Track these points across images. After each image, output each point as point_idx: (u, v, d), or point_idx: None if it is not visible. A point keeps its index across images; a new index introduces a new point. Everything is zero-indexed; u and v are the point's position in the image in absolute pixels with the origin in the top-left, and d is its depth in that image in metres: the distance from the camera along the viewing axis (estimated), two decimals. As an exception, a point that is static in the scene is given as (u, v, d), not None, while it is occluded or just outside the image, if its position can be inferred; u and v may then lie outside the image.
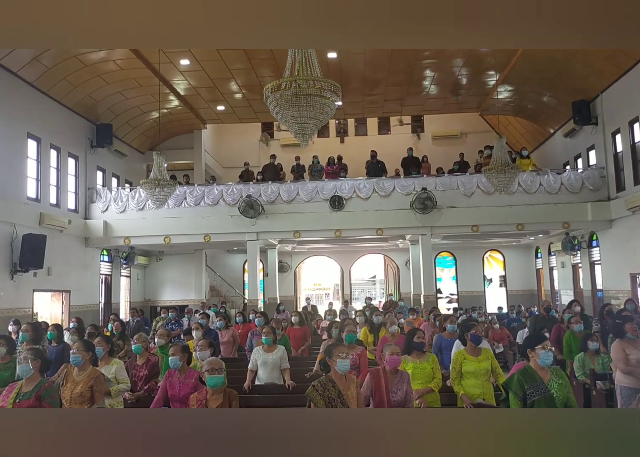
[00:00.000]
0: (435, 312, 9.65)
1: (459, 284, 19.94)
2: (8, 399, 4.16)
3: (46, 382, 4.29)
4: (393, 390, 4.53)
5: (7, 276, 11.75)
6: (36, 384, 4.21)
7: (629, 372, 5.45)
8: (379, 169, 15.99)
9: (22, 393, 4.17)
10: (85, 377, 4.71)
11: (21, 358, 4.32)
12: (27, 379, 4.24)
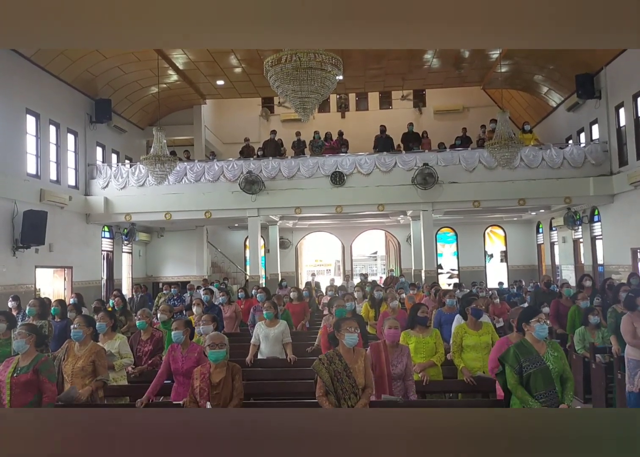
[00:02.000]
0: (436, 288, 9.70)
1: (460, 259, 20.00)
2: (5, 373, 4.23)
3: (43, 357, 4.36)
4: (393, 363, 4.57)
5: (9, 252, 11.79)
6: (33, 358, 4.28)
7: (635, 345, 5.50)
8: (388, 144, 15.83)
9: (19, 368, 4.24)
10: (86, 352, 4.78)
11: (16, 334, 4.37)
12: (23, 354, 4.31)
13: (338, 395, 3.96)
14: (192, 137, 18.91)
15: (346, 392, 3.96)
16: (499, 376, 4.14)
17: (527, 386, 3.90)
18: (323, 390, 3.99)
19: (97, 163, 15.77)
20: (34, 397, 4.18)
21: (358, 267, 24.80)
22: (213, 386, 4.06)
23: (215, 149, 19.80)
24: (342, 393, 3.96)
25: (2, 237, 11.65)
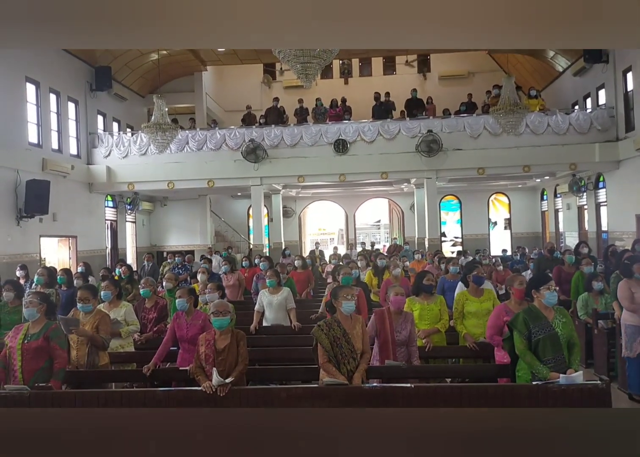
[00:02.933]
0: (439, 255, 9.72)
1: (464, 227, 19.98)
2: (16, 340, 4.29)
3: (53, 324, 4.41)
4: (397, 330, 4.63)
5: (13, 221, 11.83)
6: (43, 326, 4.34)
7: (633, 310, 5.55)
8: (383, 112, 15.64)
9: (29, 334, 4.29)
10: (91, 319, 4.90)
11: (27, 302, 4.42)
12: (33, 322, 4.37)
13: (338, 360, 4.05)
14: (194, 105, 18.70)
15: (345, 357, 4.04)
16: (506, 342, 4.19)
17: (536, 351, 3.95)
18: (326, 356, 4.05)
19: (98, 132, 15.66)
20: (45, 363, 4.24)
21: (361, 235, 24.85)
22: (218, 352, 4.12)
23: (217, 117, 19.60)
24: (341, 358, 4.04)
25: (6, 207, 11.67)
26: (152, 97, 12.69)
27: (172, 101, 16.63)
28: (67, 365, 4.46)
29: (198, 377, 4.06)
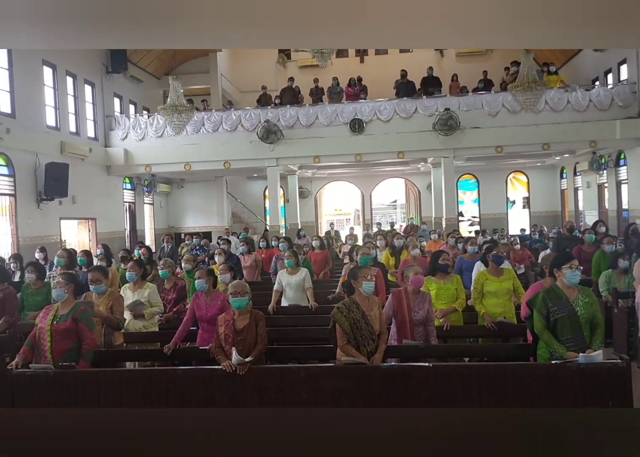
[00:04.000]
0: (453, 235, 9.64)
1: (481, 206, 19.81)
2: (45, 320, 4.34)
3: (81, 306, 4.45)
4: (415, 309, 4.63)
5: (33, 204, 12.01)
6: (72, 307, 4.38)
7: None
8: (409, 90, 15.40)
9: (58, 316, 4.34)
10: (104, 300, 4.98)
11: (55, 283, 4.47)
12: (62, 303, 4.41)
13: (357, 342, 4.04)
14: (209, 86, 18.65)
15: (365, 338, 4.04)
16: (528, 320, 4.18)
17: (554, 330, 3.93)
18: (345, 338, 4.06)
19: (115, 114, 15.74)
20: (74, 344, 4.30)
21: (377, 216, 24.78)
22: (237, 332, 4.17)
23: (232, 97, 19.54)
24: (361, 340, 4.04)
25: (26, 189, 11.84)
26: (168, 78, 12.69)
27: (187, 82, 16.61)
28: (96, 346, 4.53)
29: (218, 357, 4.12)
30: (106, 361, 4.73)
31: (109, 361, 4.77)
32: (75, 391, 4.03)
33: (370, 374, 3.88)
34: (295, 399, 3.88)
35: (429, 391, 3.79)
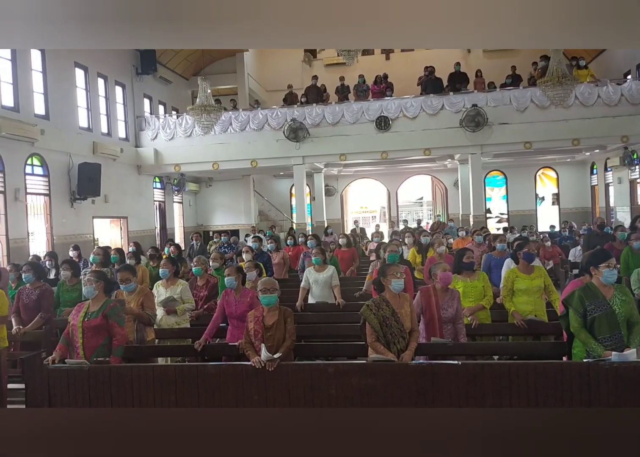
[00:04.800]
0: (478, 232, 9.54)
1: (510, 203, 19.56)
2: (77, 317, 4.45)
3: (112, 302, 4.55)
4: (444, 307, 4.62)
5: (67, 204, 12.32)
6: (102, 304, 4.47)
7: None
8: (437, 86, 15.29)
9: (89, 312, 4.44)
10: (135, 297, 5.10)
11: (86, 280, 4.58)
12: (93, 299, 4.51)
13: (387, 339, 4.05)
14: (236, 86, 18.83)
15: (395, 336, 4.04)
16: (562, 319, 4.13)
17: (592, 329, 3.88)
18: (374, 335, 4.08)
19: (145, 115, 16.01)
20: (105, 340, 4.40)
21: (403, 213, 24.65)
22: (266, 328, 4.23)
23: (259, 97, 19.68)
24: (391, 337, 4.04)
25: (60, 189, 12.16)
26: (196, 79, 12.89)
27: (214, 83, 16.79)
28: (126, 342, 4.64)
29: (247, 352, 4.17)
30: (139, 357, 4.85)
31: (141, 357, 4.88)
32: (110, 385, 4.13)
33: (399, 372, 3.89)
34: (323, 395, 3.92)
35: (458, 389, 3.78)
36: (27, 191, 11.27)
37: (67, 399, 4.14)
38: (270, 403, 3.96)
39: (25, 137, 10.98)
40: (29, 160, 11.45)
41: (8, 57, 10.95)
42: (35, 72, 11.75)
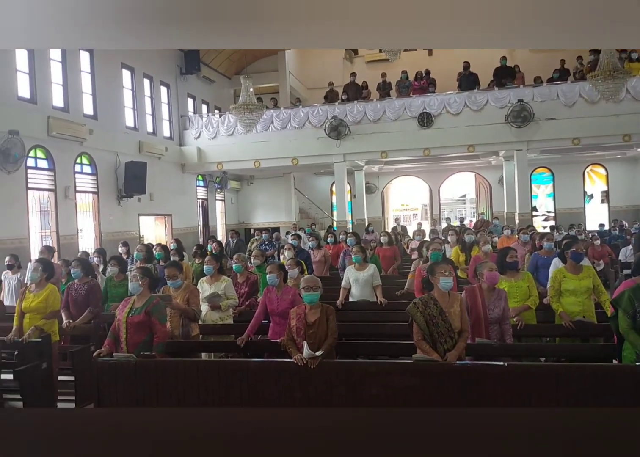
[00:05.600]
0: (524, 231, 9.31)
1: (557, 201, 19.03)
2: (123, 313, 4.55)
3: (155, 299, 4.62)
4: (490, 307, 4.51)
5: (114, 201, 12.67)
6: (146, 301, 4.55)
7: None
8: (472, 82, 15.05)
9: (134, 308, 4.53)
10: (181, 292, 5.18)
11: (131, 276, 4.69)
12: (138, 295, 4.61)
13: (434, 338, 3.97)
14: (277, 84, 18.93)
15: (442, 335, 3.96)
16: (612, 320, 4.01)
17: None
18: (421, 334, 4.01)
19: (189, 114, 16.30)
20: (147, 337, 4.48)
21: (446, 211, 24.32)
22: (309, 325, 4.23)
23: (300, 95, 19.75)
24: (437, 337, 3.96)
25: (108, 187, 12.52)
26: (238, 78, 13.05)
27: (256, 81, 16.91)
28: (167, 338, 4.71)
29: (289, 349, 4.19)
30: (184, 351, 4.93)
31: (186, 351, 4.96)
32: (155, 379, 4.22)
33: (442, 372, 3.82)
34: (365, 394, 3.89)
35: (504, 391, 3.69)
36: (76, 189, 11.64)
37: (115, 391, 4.25)
38: (312, 400, 3.96)
39: (75, 137, 11.33)
40: (78, 159, 11.82)
41: (58, 59, 11.32)
42: (84, 73, 12.10)
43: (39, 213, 10.82)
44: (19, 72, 10.25)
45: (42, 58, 10.74)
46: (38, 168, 10.74)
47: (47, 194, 10.99)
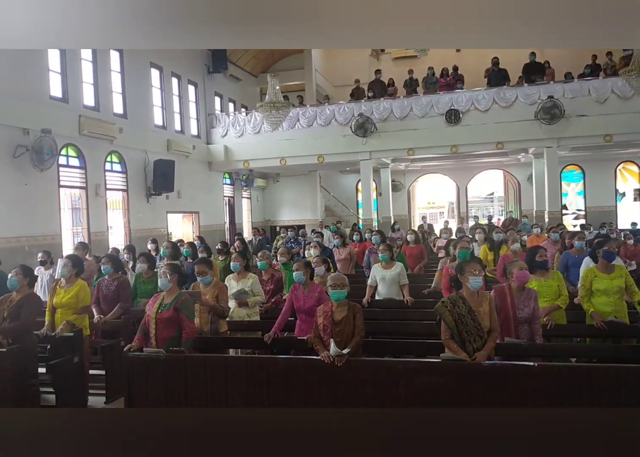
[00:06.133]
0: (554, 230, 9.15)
1: (587, 199, 18.65)
2: (152, 308, 4.60)
3: (183, 296, 4.66)
4: (519, 307, 4.45)
5: (143, 199, 12.87)
6: (175, 297, 4.59)
7: None
8: (501, 78, 14.82)
9: (163, 304, 4.58)
10: (210, 289, 5.22)
11: (161, 273, 4.74)
12: (167, 292, 4.65)
13: (462, 338, 3.93)
14: (303, 82, 18.95)
15: (471, 335, 3.91)
16: None
17: None
18: (449, 333, 3.98)
19: (216, 112, 16.44)
20: (176, 333, 4.51)
21: (473, 209, 24.06)
22: (335, 323, 4.23)
23: (326, 92, 19.72)
24: (466, 336, 3.92)
25: (137, 185, 12.72)
26: (265, 76, 13.10)
27: (283, 79, 16.93)
28: (195, 334, 4.76)
29: (316, 347, 4.19)
30: (212, 347, 4.98)
31: (214, 347, 5.01)
32: (184, 373, 4.27)
33: (470, 372, 3.78)
34: (392, 393, 3.87)
35: (534, 392, 3.64)
36: (106, 187, 11.85)
37: (145, 385, 4.31)
38: (339, 398, 3.96)
39: (105, 135, 11.54)
40: (109, 158, 12.03)
41: (89, 58, 11.52)
42: (114, 73, 12.31)
43: (70, 210, 11.06)
44: (51, 72, 10.47)
45: (74, 58, 10.95)
46: (69, 166, 10.96)
47: (79, 191, 11.22)
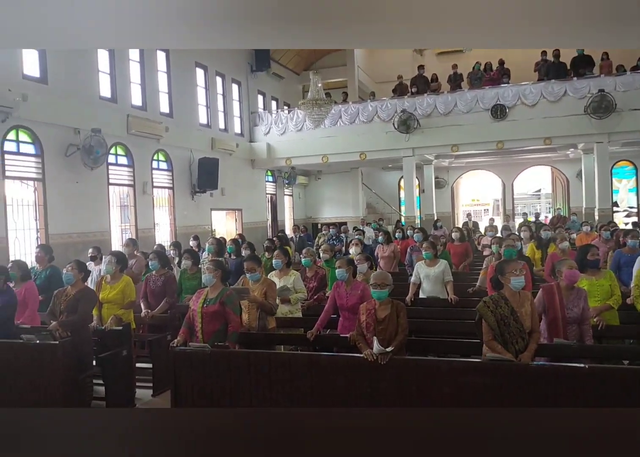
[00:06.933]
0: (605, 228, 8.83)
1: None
2: (197, 303, 4.72)
3: (228, 290, 4.76)
4: (569, 306, 4.32)
5: (188, 197, 13.13)
6: (219, 292, 4.70)
7: None
8: (560, 70, 14.31)
9: (208, 299, 4.68)
10: (259, 286, 5.28)
11: (205, 269, 4.84)
12: (211, 287, 4.75)
13: (505, 339, 3.85)
14: (346, 79, 18.91)
15: (513, 336, 3.83)
16: None
17: None
18: (491, 334, 3.90)
19: (258, 111, 16.61)
20: (221, 326, 4.63)
21: (519, 206, 23.49)
22: (379, 321, 4.20)
23: (368, 89, 19.63)
24: (509, 337, 3.83)
25: (183, 183, 12.98)
26: (307, 74, 13.15)
27: (325, 76, 16.99)
28: (240, 328, 4.85)
29: (359, 345, 4.18)
30: (256, 343, 5.04)
31: (259, 343, 5.07)
32: (229, 368, 4.33)
33: (519, 373, 3.70)
34: (436, 393, 3.83)
35: (585, 394, 3.52)
36: (153, 185, 12.14)
37: (190, 379, 4.40)
38: (382, 397, 3.94)
39: (152, 134, 11.81)
40: (155, 156, 12.32)
41: (137, 59, 11.82)
42: (160, 73, 12.58)
43: (119, 207, 11.38)
44: (100, 73, 10.79)
45: (122, 58, 11.26)
46: (118, 164, 11.28)
47: (127, 189, 11.53)
